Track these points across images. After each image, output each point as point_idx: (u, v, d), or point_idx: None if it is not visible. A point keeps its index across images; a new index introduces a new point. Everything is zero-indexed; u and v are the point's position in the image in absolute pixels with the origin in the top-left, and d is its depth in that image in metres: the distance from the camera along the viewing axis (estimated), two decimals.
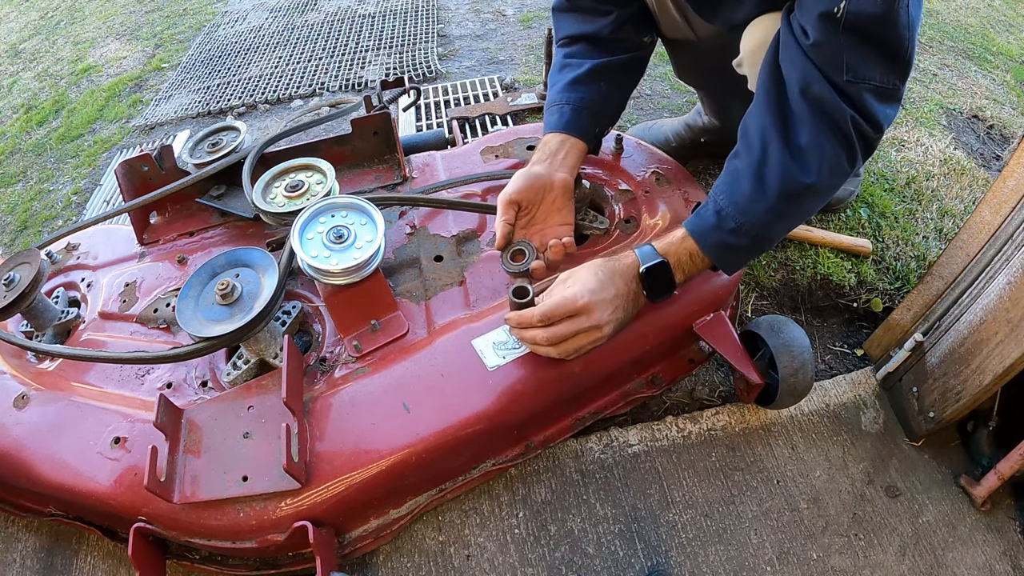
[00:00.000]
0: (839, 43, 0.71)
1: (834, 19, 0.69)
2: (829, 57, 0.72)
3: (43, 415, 0.92)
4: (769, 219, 0.80)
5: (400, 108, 1.66)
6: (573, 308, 0.80)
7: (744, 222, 0.80)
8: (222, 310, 0.85)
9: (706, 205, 0.84)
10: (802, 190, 0.77)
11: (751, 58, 0.92)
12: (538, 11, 2.30)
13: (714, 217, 0.82)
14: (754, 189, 0.79)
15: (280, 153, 1.15)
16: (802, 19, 0.74)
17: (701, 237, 0.83)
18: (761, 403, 0.99)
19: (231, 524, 0.79)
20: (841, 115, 0.74)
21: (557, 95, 1.02)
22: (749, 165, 0.80)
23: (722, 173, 0.85)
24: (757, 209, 0.79)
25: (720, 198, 0.82)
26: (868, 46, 0.71)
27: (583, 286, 0.80)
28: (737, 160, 0.83)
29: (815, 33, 0.72)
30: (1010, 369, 0.80)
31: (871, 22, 0.69)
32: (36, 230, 1.68)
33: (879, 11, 0.68)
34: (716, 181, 0.85)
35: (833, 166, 0.77)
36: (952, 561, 0.86)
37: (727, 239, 0.82)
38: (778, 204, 0.79)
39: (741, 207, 0.80)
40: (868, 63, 0.72)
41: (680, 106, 1.71)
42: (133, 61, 2.48)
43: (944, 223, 1.30)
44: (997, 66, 1.95)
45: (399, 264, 1.03)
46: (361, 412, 0.84)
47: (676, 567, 0.87)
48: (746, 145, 0.81)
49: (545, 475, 0.96)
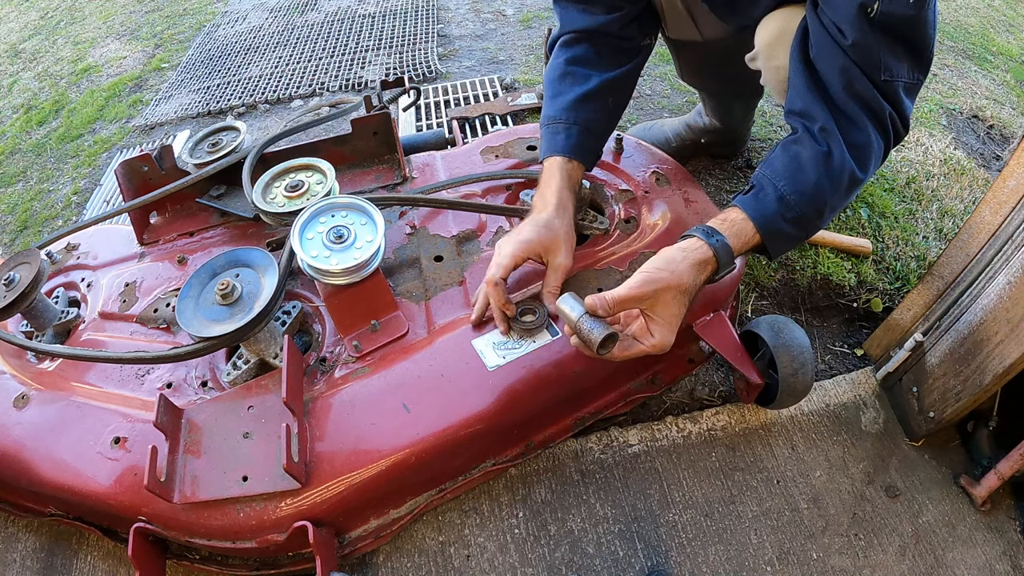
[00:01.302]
0: (875, 43, 0.74)
1: (869, 18, 0.71)
2: (868, 57, 0.75)
3: (43, 415, 0.92)
4: (826, 210, 0.82)
5: (400, 108, 1.67)
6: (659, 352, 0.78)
7: (804, 211, 0.80)
8: (222, 310, 0.85)
9: (763, 189, 0.81)
10: (855, 184, 0.80)
11: (767, 51, 0.92)
12: (538, 11, 2.30)
13: (777, 204, 0.80)
14: (819, 179, 0.79)
15: (280, 153, 1.15)
16: (834, 17, 0.75)
17: (763, 223, 0.81)
18: (761, 403, 0.99)
19: (231, 524, 0.79)
20: (882, 112, 0.77)
21: (565, 112, 0.98)
22: (814, 156, 0.79)
23: (777, 157, 0.83)
24: (819, 199, 0.80)
25: (781, 184, 0.80)
26: (899, 45, 0.74)
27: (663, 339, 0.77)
28: (799, 147, 0.81)
29: (853, 33, 0.73)
30: (1010, 369, 0.80)
31: (903, 22, 0.72)
32: (36, 230, 1.68)
33: (911, 13, 0.71)
34: (769, 165, 0.83)
35: (877, 161, 0.81)
36: (952, 561, 0.86)
37: (784, 227, 0.81)
38: (835, 197, 0.81)
39: (805, 195, 0.79)
40: (899, 61, 0.76)
41: (680, 106, 1.71)
42: (133, 61, 2.48)
43: (944, 223, 1.30)
44: (997, 66, 1.95)
45: (399, 264, 1.03)
46: (361, 412, 0.84)
47: (676, 567, 0.87)
48: (808, 136, 0.80)
49: (545, 475, 0.96)
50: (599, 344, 0.76)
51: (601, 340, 0.75)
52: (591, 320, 0.77)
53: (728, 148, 1.46)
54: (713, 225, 0.82)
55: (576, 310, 0.78)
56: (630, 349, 0.79)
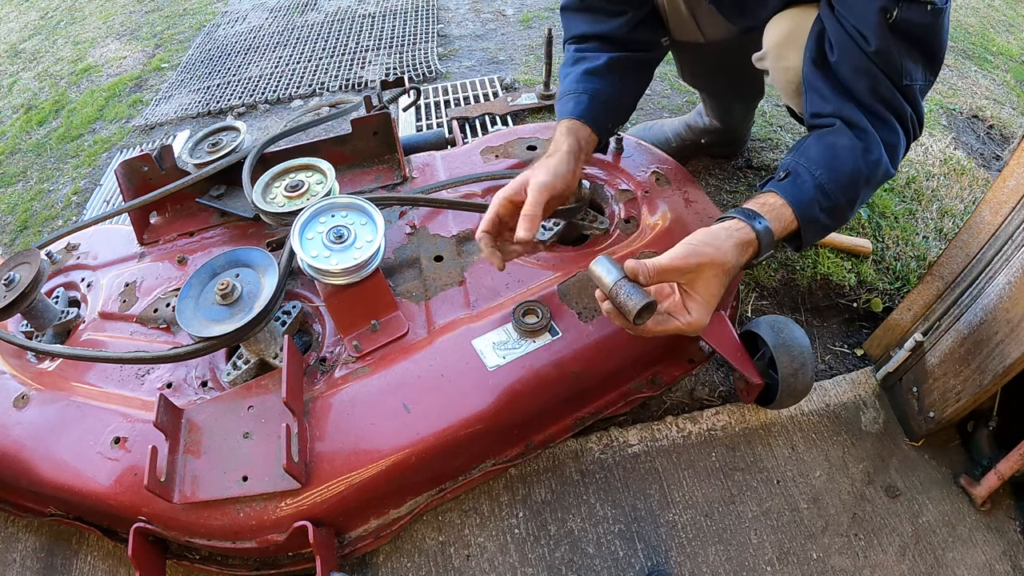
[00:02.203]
0: (896, 49, 0.76)
1: (888, 24, 0.73)
2: (890, 62, 0.77)
3: (43, 415, 0.92)
4: (857, 201, 0.83)
5: (400, 108, 1.67)
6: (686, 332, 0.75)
7: (839, 201, 0.79)
8: (222, 310, 0.85)
9: (801, 178, 0.79)
10: (883, 179, 0.83)
11: (776, 52, 0.92)
12: (538, 11, 2.30)
13: (814, 191, 0.79)
14: (855, 171, 0.79)
15: (280, 153, 1.15)
16: (856, 22, 0.76)
17: (802, 210, 0.78)
18: (761, 403, 0.99)
19: (231, 524, 0.79)
20: (905, 114, 0.80)
21: (573, 84, 0.98)
22: (853, 147, 0.79)
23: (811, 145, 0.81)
24: (854, 190, 0.80)
25: (818, 172, 0.79)
26: (915, 50, 0.77)
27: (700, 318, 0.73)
28: (836, 138, 0.80)
29: (876, 40, 0.75)
30: (1010, 369, 0.80)
31: (921, 29, 0.75)
32: (36, 230, 1.68)
33: (928, 21, 0.75)
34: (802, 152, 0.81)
35: (900, 160, 0.83)
36: (952, 561, 0.86)
37: (820, 216, 0.79)
38: (866, 189, 0.82)
39: (842, 185, 0.79)
40: (916, 65, 0.79)
41: (680, 106, 1.71)
42: (133, 61, 2.48)
43: (944, 223, 1.30)
44: (997, 66, 1.95)
45: (399, 264, 1.03)
46: (361, 412, 0.84)
47: (676, 567, 0.87)
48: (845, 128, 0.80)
49: (545, 475, 0.96)
50: (636, 312, 0.69)
51: (640, 308, 0.69)
52: (630, 286, 0.70)
53: (728, 148, 1.46)
54: (753, 208, 0.78)
55: (612, 274, 0.72)
56: (665, 324, 0.74)
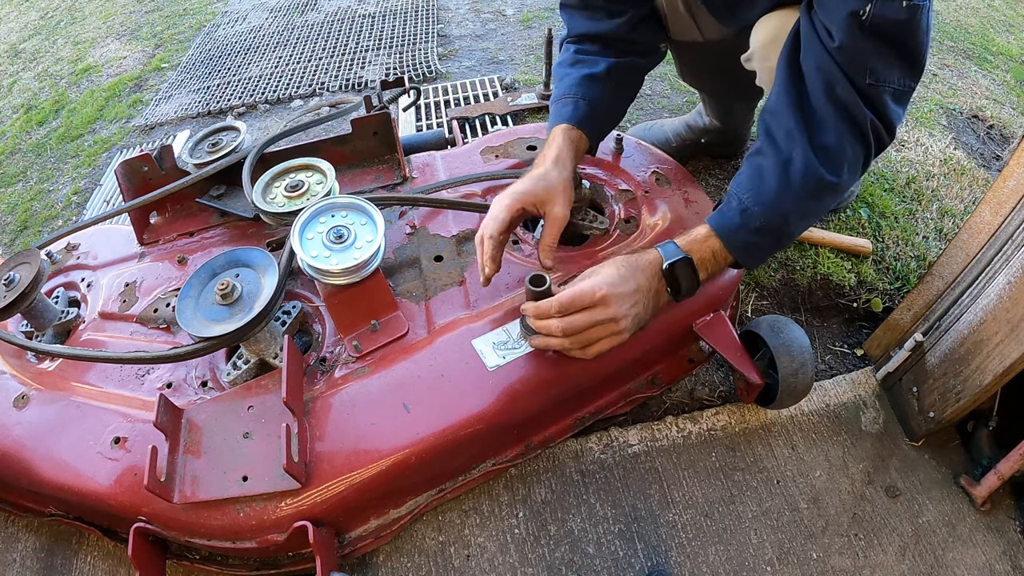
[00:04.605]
0: (864, 47, 0.72)
1: (860, 21, 0.70)
2: (854, 60, 0.73)
3: (43, 415, 0.92)
4: (793, 217, 0.81)
5: (400, 108, 1.67)
6: (591, 299, 0.78)
7: (770, 221, 0.80)
8: (222, 310, 0.85)
9: (729, 203, 0.83)
10: (826, 189, 0.79)
11: (762, 52, 0.92)
12: (538, 11, 2.30)
13: (739, 216, 0.81)
14: (780, 187, 0.79)
15: (280, 153, 1.15)
16: (825, 19, 0.74)
17: (727, 236, 0.82)
18: (761, 403, 0.99)
19: (231, 524, 0.79)
20: (862, 118, 0.76)
21: (571, 88, 0.99)
22: (775, 164, 0.79)
23: (743, 170, 0.84)
24: (783, 207, 0.80)
25: (745, 196, 0.81)
26: (890, 50, 0.73)
27: (602, 279, 0.79)
28: (761, 158, 0.82)
29: (841, 36, 0.72)
30: (1010, 369, 0.80)
31: (895, 27, 0.71)
32: (36, 230, 1.68)
33: (903, 17, 0.70)
34: (736, 178, 0.84)
35: (853, 166, 0.79)
36: (952, 561, 0.86)
37: (752, 238, 0.81)
38: (803, 203, 0.80)
39: (768, 206, 0.80)
40: (889, 66, 0.74)
41: (680, 106, 1.71)
42: (133, 61, 2.48)
43: (944, 223, 1.30)
44: (997, 66, 1.95)
45: (399, 264, 1.03)
46: (361, 412, 0.84)
47: (676, 567, 0.87)
48: (771, 143, 0.81)
49: (545, 475, 0.96)
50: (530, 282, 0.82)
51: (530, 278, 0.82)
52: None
53: (728, 148, 1.46)
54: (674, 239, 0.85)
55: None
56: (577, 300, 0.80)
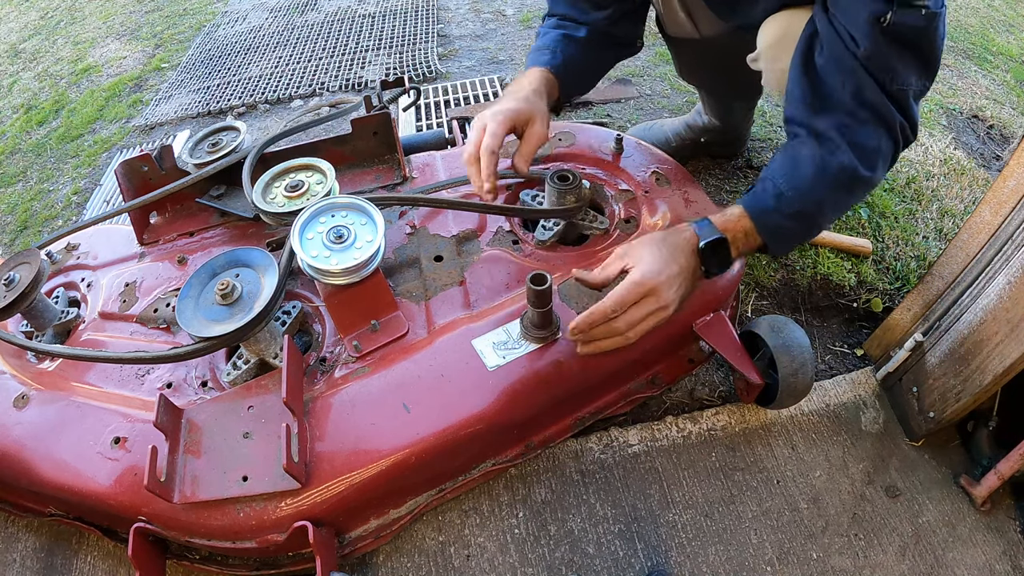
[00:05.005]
0: (886, 51, 0.75)
1: (881, 27, 0.73)
2: (882, 67, 0.76)
3: (43, 415, 0.92)
4: (827, 207, 0.83)
5: (400, 108, 1.66)
6: (643, 291, 0.79)
7: (804, 207, 0.82)
8: (222, 310, 0.85)
9: (763, 186, 0.84)
10: (859, 182, 0.81)
11: (769, 53, 0.92)
12: (538, 11, 2.30)
13: (774, 200, 0.82)
14: (816, 176, 0.80)
15: (280, 153, 1.15)
16: (846, 23, 0.76)
17: (759, 217, 0.83)
18: (761, 403, 0.99)
19: (231, 524, 0.79)
20: (892, 120, 0.79)
21: (552, 42, 1.02)
22: (811, 155, 0.81)
23: (776, 158, 0.86)
24: (817, 195, 0.81)
25: (780, 181, 0.82)
26: (909, 54, 0.76)
27: (647, 267, 0.80)
28: (796, 149, 0.83)
29: (867, 43, 0.74)
30: (1010, 369, 0.80)
31: (915, 33, 0.74)
32: (36, 230, 1.68)
33: (922, 24, 0.73)
34: (769, 166, 0.85)
35: (885, 163, 0.82)
36: (952, 561, 0.86)
37: (784, 222, 0.83)
38: (836, 193, 0.82)
39: (803, 192, 0.81)
40: (908, 69, 0.77)
41: (680, 106, 1.71)
42: (133, 61, 2.48)
43: (944, 223, 1.30)
44: (997, 66, 1.95)
45: (399, 264, 1.03)
46: (361, 412, 0.84)
47: (676, 567, 0.87)
48: (811, 135, 0.82)
49: (545, 475, 0.96)
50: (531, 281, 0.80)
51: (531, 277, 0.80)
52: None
53: (728, 148, 1.46)
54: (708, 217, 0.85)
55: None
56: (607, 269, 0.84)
